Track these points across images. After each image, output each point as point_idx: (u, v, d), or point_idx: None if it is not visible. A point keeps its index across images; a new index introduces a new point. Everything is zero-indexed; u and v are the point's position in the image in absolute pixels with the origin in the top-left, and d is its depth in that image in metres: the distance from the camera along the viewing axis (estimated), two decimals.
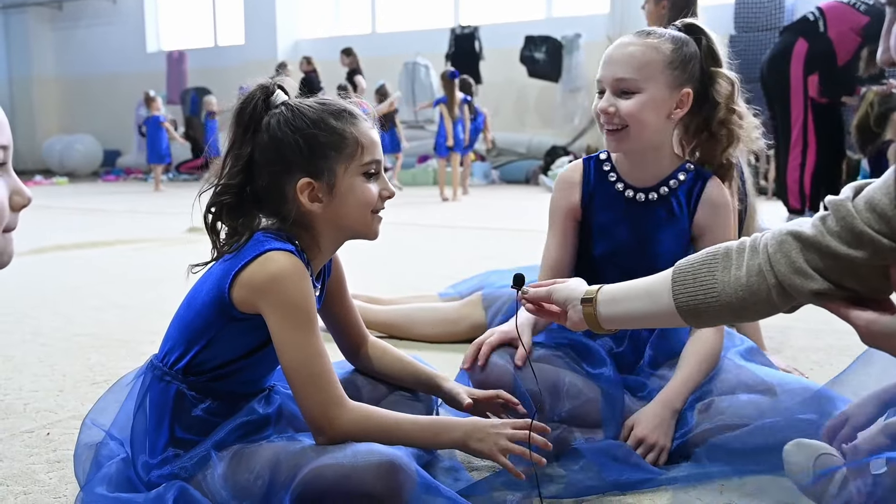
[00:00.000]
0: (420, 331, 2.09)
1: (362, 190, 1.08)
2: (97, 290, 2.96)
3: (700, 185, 1.35)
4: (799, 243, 0.87)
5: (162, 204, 7.06)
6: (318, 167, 1.06)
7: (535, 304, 1.12)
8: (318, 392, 1.00)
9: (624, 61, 1.28)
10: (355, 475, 0.93)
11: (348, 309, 1.25)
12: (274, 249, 1.02)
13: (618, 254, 1.38)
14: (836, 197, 0.86)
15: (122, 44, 13.27)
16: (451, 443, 1.08)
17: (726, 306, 0.92)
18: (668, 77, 1.28)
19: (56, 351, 2.06)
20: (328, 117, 1.07)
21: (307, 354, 1.00)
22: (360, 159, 1.08)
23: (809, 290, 0.86)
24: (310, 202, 1.07)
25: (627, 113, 1.27)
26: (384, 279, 3.02)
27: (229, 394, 1.09)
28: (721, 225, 1.34)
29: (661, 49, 1.29)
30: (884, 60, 0.71)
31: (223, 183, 1.08)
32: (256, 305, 1.02)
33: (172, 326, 1.11)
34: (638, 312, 1.00)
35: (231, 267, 1.03)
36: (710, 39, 1.34)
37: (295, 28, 11.99)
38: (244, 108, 1.07)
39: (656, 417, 1.25)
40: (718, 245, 0.96)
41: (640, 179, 1.36)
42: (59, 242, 4.29)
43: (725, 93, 1.32)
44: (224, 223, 1.08)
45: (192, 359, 1.06)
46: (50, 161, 12.47)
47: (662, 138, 1.33)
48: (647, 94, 1.27)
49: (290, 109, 1.07)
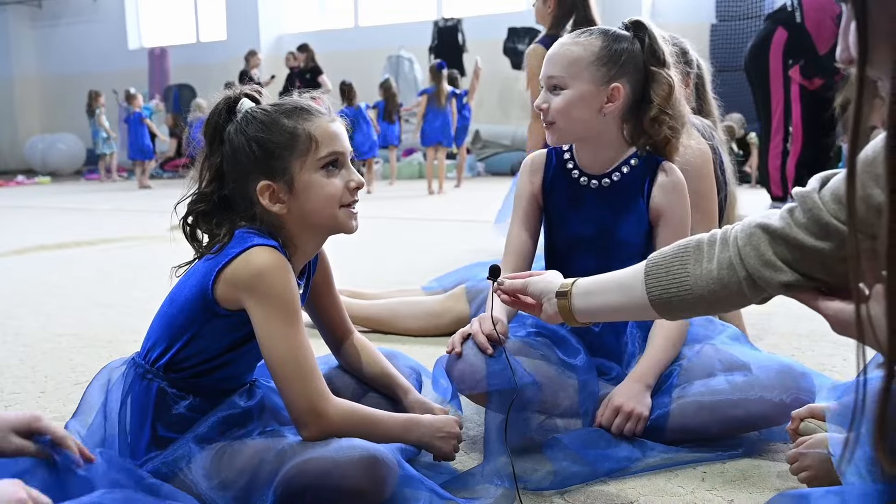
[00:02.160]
0: (404, 324, 2.09)
1: (322, 184, 1.08)
2: (80, 290, 2.93)
3: (652, 171, 1.38)
4: (767, 235, 0.88)
5: (146, 202, 7.02)
6: (274, 168, 1.07)
7: (510, 296, 1.14)
8: (304, 385, 1.00)
9: (555, 60, 1.35)
10: (337, 470, 0.94)
11: (334, 304, 1.26)
12: (257, 245, 1.03)
13: (579, 241, 1.41)
14: (803, 189, 0.87)
15: (104, 41, 13.13)
16: (417, 439, 1.11)
17: (699, 299, 0.93)
18: (594, 73, 1.32)
19: (38, 352, 2.05)
20: (280, 118, 1.08)
21: (292, 347, 1.01)
22: (315, 154, 1.08)
23: (779, 283, 0.87)
24: (272, 203, 1.08)
25: (555, 109, 1.34)
26: (368, 273, 3.02)
27: (211, 390, 1.09)
28: (677, 205, 1.37)
29: (588, 46, 1.34)
30: (843, 59, 0.70)
31: (198, 192, 1.11)
32: (240, 300, 1.03)
33: (155, 323, 1.12)
34: (612, 305, 1.02)
35: (215, 264, 1.04)
36: (653, 38, 1.36)
37: (278, 22, 11.91)
38: (210, 120, 1.12)
39: (630, 390, 1.28)
40: (690, 237, 0.97)
41: (592, 167, 1.41)
42: (42, 242, 4.25)
43: (662, 93, 1.34)
44: (202, 230, 1.11)
45: (174, 355, 1.07)
46: (32, 160, 12.34)
47: (600, 130, 1.36)
48: (572, 90, 1.33)
49: (245, 116, 1.10)
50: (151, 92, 11.91)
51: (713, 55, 8.13)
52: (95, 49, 13.15)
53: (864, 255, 0.67)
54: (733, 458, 1.23)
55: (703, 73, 1.85)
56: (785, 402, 1.23)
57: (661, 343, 1.33)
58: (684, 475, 1.19)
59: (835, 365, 1.73)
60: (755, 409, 1.24)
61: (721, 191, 1.76)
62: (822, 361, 1.78)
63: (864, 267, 0.68)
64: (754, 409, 1.24)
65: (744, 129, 7.52)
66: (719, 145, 1.78)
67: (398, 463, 1.00)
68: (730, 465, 1.21)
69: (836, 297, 0.84)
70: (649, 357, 1.32)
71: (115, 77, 12.11)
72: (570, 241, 1.43)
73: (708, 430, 1.26)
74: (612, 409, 1.27)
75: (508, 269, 1.39)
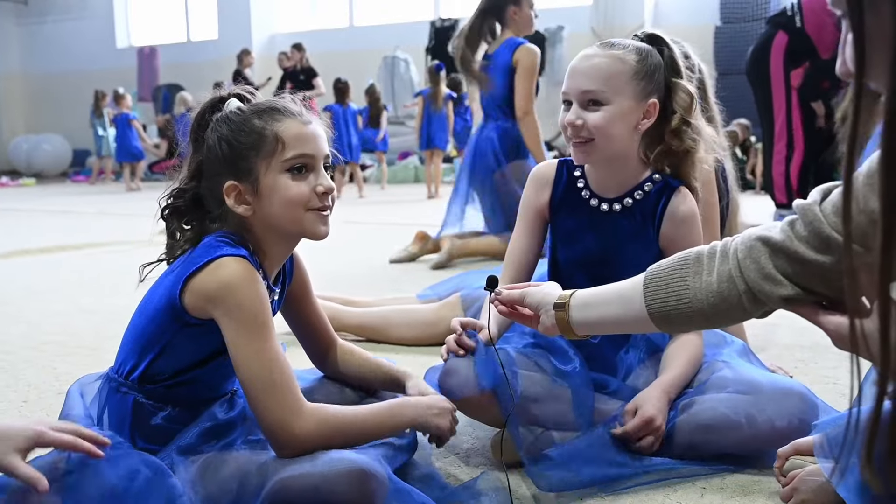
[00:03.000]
0: (397, 333, 2.05)
1: (286, 187, 1.05)
2: (64, 295, 2.88)
3: (665, 198, 1.35)
4: (768, 248, 0.87)
5: (133, 205, 6.93)
6: (240, 168, 1.06)
7: (507, 307, 1.12)
8: (275, 402, 0.98)
9: (591, 73, 1.28)
10: (325, 485, 0.92)
11: (314, 312, 1.23)
12: (225, 255, 1.01)
13: (584, 261, 1.39)
14: (804, 201, 0.86)
15: (91, 39, 12.99)
16: (408, 421, 1.08)
17: (698, 312, 0.92)
18: (635, 88, 1.29)
19: (20, 360, 2.00)
20: (251, 118, 1.07)
21: (262, 361, 0.99)
22: (280, 156, 1.05)
23: (779, 296, 0.86)
24: (237, 204, 1.07)
25: (595, 126, 1.28)
26: (359, 281, 2.97)
27: (189, 401, 1.07)
28: (687, 238, 1.34)
29: (626, 60, 1.29)
30: (842, 73, 0.70)
31: (177, 188, 1.12)
32: (208, 311, 1.01)
33: (126, 336, 1.10)
34: (610, 318, 1.01)
35: (182, 272, 1.03)
36: (671, 50, 1.35)
37: (270, 21, 11.83)
38: (195, 119, 1.12)
39: (659, 401, 1.24)
40: (689, 250, 0.96)
41: (605, 189, 1.37)
42: (26, 246, 4.19)
43: (683, 104, 1.33)
44: (175, 227, 1.11)
45: (147, 368, 1.05)
46: (17, 161, 12.20)
47: (628, 149, 1.34)
48: (614, 106, 1.28)
49: (222, 116, 1.10)
50: (140, 92, 11.80)
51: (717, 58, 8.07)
52: (83, 47, 13.02)
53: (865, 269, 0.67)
54: (732, 472, 1.21)
55: (704, 78, 1.83)
56: (793, 428, 1.20)
57: (685, 362, 1.30)
58: (683, 490, 1.17)
59: (838, 378, 1.71)
60: (763, 433, 1.21)
61: (723, 198, 1.74)
62: (826, 374, 1.76)
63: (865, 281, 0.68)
64: (762, 432, 1.21)
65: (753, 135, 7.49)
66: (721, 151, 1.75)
67: (388, 477, 0.97)
68: (729, 479, 1.19)
69: (837, 311, 0.84)
70: (674, 373, 1.28)
71: (103, 76, 11.97)
72: (575, 260, 1.40)
73: (710, 449, 1.23)
74: (644, 418, 1.21)
75: (508, 280, 1.36)
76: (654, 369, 1.34)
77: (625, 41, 1.34)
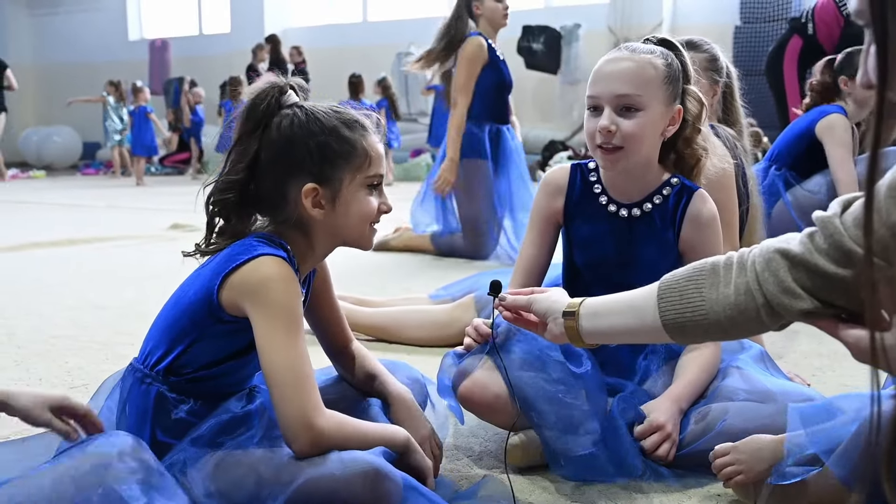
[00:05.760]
0: (409, 334, 2.04)
1: (365, 202, 1.10)
2: (75, 290, 2.88)
3: (685, 201, 1.33)
4: (787, 261, 0.85)
5: (143, 199, 6.93)
6: (326, 174, 1.07)
7: (512, 312, 1.11)
8: (299, 396, 0.99)
9: (625, 77, 1.24)
10: (340, 486, 0.93)
11: (333, 309, 1.25)
12: (265, 254, 1.03)
13: (601, 266, 1.37)
14: (824, 213, 0.85)
15: (103, 31, 13.00)
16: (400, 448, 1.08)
17: (715, 324, 0.90)
18: (665, 93, 1.26)
19: (32, 353, 2.00)
20: (341, 126, 1.09)
21: (291, 357, 1.00)
22: (366, 171, 1.09)
23: (798, 310, 0.85)
24: (312, 207, 1.08)
25: (629, 133, 1.24)
26: (373, 281, 2.97)
27: (212, 394, 1.08)
28: (708, 241, 1.32)
29: (656, 64, 1.26)
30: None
31: (225, 178, 1.08)
32: (243, 307, 1.02)
33: (155, 326, 1.11)
34: (621, 328, 0.99)
35: (222, 269, 1.04)
36: (684, 56, 1.32)
37: (283, 15, 11.79)
38: (257, 105, 1.08)
39: (669, 410, 1.23)
40: (704, 260, 0.94)
41: (624, 194, 1.35)
42: (36, 240, 4.19)
43: (695, 111, 1.31)
44: (224, 219, 1.10)
45: (175, 360, 1.06)
46: (27, 153, 12.21)
47: (652, 156, 1.32)
48: (648, 111, 1.25)
49: (304, 112, 1.08)
50: (152, 85, 11.80)
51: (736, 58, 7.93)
52: (94, 39, 13.03)
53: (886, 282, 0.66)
54: None
55: (731, 81, 1.80)
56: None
57: (697, 371, 1.29)
58: (697, 498, 1.16)
59: (857, 386, 1.68)
60: None
61: (742, 203, 1.72)
62: (845, 382, 1.74)
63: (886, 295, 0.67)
64: None
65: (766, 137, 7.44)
66: (742, 156, 1.73)
67: (402, 477, 0.98)
68: None
69: (857, 324, 0.82)
70: (685, 382, 1.27)
71: (114, 68, 11.99)
72: (592, 265, 1.38)
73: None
74: (653, 425, 1.21)
75: (516, 286, 1.35)
76: (672, 375, 1.33)
77: (646, 45, 1.31)
